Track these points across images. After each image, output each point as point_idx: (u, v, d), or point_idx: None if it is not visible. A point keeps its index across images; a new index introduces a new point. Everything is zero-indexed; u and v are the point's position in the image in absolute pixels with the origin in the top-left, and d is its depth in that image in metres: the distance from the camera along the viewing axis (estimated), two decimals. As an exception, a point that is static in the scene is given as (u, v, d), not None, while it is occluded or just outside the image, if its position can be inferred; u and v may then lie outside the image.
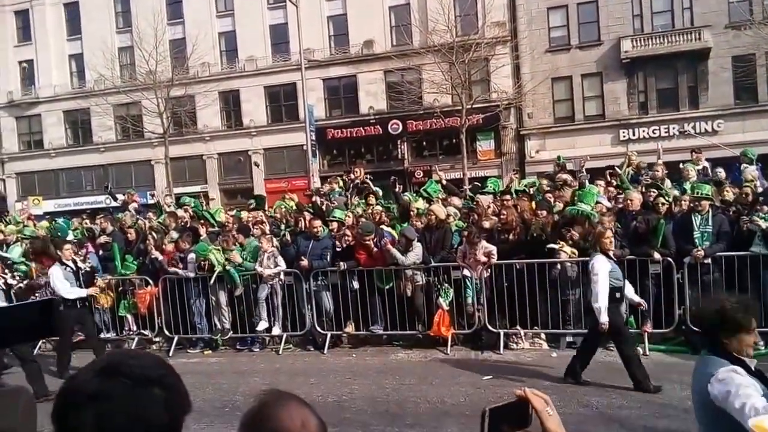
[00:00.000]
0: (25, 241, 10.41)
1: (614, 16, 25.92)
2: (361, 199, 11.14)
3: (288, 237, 9.27)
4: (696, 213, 7.84)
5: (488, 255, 8.15)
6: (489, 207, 9.32)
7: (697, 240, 7.69)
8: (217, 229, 10.11)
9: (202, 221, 10.35)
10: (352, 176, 12.62)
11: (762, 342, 7.50)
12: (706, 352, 2.71)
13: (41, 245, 10.18)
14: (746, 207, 8.09)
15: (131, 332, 9.73)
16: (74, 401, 1.09)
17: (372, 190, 11.41)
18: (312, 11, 27.56)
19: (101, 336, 9.28)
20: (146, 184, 31.27)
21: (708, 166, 11.50)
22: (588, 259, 7.86)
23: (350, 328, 8.84)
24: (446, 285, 8.39)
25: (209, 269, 8.92)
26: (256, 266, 8.92)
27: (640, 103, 26.11)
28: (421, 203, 9.67)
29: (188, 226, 10.33)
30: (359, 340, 9.04)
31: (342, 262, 8.60)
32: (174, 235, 9.83)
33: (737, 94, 24.83)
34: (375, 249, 8.51)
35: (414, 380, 7.22)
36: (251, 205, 12.76)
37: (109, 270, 9.72)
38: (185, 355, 9.14)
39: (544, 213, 8.55)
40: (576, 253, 7.87)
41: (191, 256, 9.09)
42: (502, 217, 8.66)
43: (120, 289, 9.66)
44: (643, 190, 9.14)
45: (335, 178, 13.72)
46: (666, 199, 8.56)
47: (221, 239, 9.32)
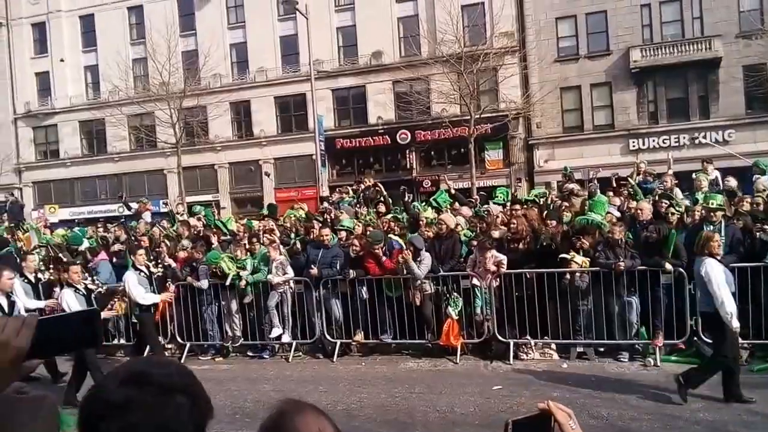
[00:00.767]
0: (41, 249, 10.57)
1: (623, 26, 25.93)
2: (371, 208, 11.20)
3: (298, 246, 9.34)
4: (708, 223, 7.79)
5: (498, 264, 8.15)
6: (498, 217, 9.33)
7: (708, 250, 7.65)
8: (228, 237, 10.21)
9: (214, 230, 10.46)
10: (362, 186, 12.69)
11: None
12: None
13: (56, 253, 10.36)
14: (759, 217, 8.03)
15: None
16: (100, 411, 1.08)
17: (384, 195, 11.50)
18: (321, 23, 27.81)
19: (117, 342, 9.36)
20: (159, 193, 31.60)
21: (719, 176, 11.46)
22: (595, 269, 7.87)
23: (359, 337, 8.86)
24: (455, 294, 8.40)
25: (221, 276, 9.01)
26: (267, 275, 8.99)
27: (650, 112, 26.03)
28: (430, 212, 9.71)
29: (200, 234, 10.45)
30: (368, 349, 9.06)
31: (351, 270, 8.65)
32: (186, 243, 9.93)
33: (748, 104, 24.70)
34: (384, 258, 8.54)
35: (423, 389, 7.22)
36: (264, 214, 12.85)
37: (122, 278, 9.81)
38: (196, 362, 9.19)
39: (553, 223, 8.55)
40: (588, 262, 7.85)
41: (203, 268, 9.16)
42: (511, 226, 8.67)
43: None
44: (656, 199, 9.12)
45: (344, 187, 13.81)
46: (677, 209, 8.54)
47: (233, 248, 9.40)
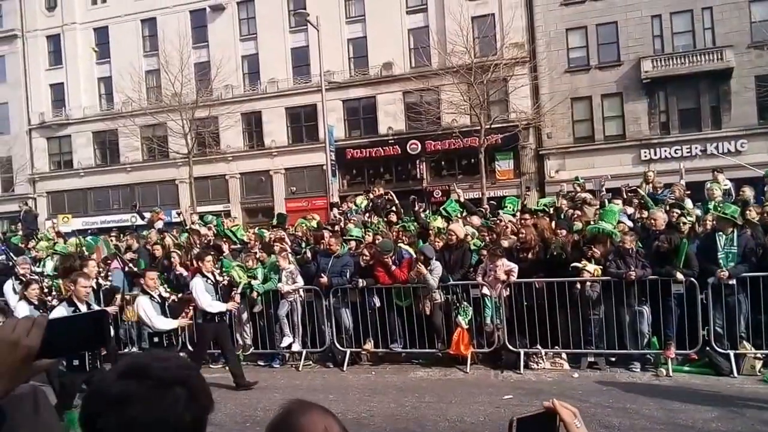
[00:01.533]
0: (56, 256, 10.71)
1: (634, 37, 25.93)
2: (382, 217, 11.24)
3: (309, 254, 9.39)
4: (720, 233, 7.75)
5: (508, 273, 8.15)
6: (507, 226, 9.33)
7: (721, 260, 7.57)
8: (239, 246, 10.28)
9: (225, 239, 10.54)
10: (371, 195, 12.74)
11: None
12: None
13: (70, 262, 10.47)
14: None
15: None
16: (99, 405, 1.10)
17: (396, 204, 11.54)
18: (332, 34, 28.07)
19: (127, 350, 9.42)
20: (171, 203, 31.85)
21: (732, 186, 11.38)
22: (606, 278, 7.84)
23: (369, 346, 8.87)
24: (465, 303, 8.40)
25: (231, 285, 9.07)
26: (277, 284, 9.04)
27: (662, 123, 25.94)
28: (440, 222, 9.73)
29: (211, 243, 10.53)
30: (378, 358, 9.05)
31: (361, 279, 8.67)
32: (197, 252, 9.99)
33: (761, 114, 24.54)
34: (393, 267, 8.56)
35: (433, 399, 7.21)
36: (273, 224, 12.93)
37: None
38: (207, 370, 9.21)
39: (563, 232, 8.53)
40: (600, 271, 7.82)
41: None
42: (521, 236, 8.66)
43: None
44: (667, 209, 9.08)
45: (354, 197, 13.87)
46: (688, 218, 8.50)
47: (243, 257, 9.46)
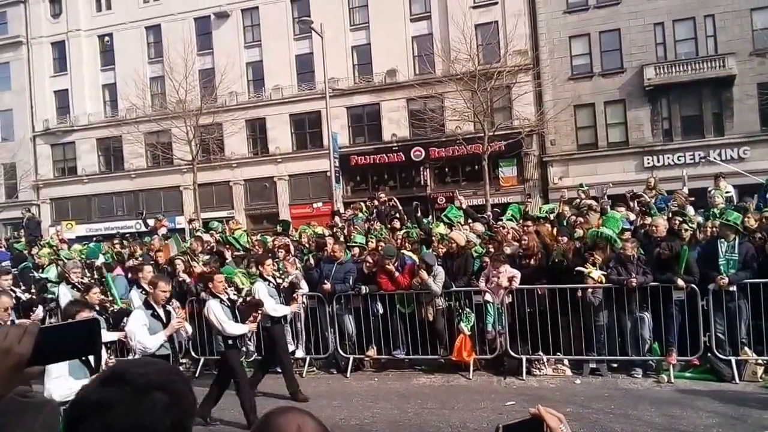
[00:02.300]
0: (59, 262, 10.78)
1: (637, 44, 26.04)
2: (385, 224, 11.29)
3: (312, 261, 9.44)
4: (722, 240, 7.78)
5: (511, 280, 8.18)
6: (509, 233, 9.37)
7: (722, 267, 7.60)
8: (242, 252, 10.34)
9: (227, 246, 10.61)
10: (375, 202, 12.80)
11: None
12: None
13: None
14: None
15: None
16: (80, 412, 1.11)
17: (399, 210, 11.58)
18: (337, 41, 28.25)
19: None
20: (175, 209, 32.00)
21: (734, 193, 11.41)
22: (608, 285, 7.87)
23: (372, 352, 8.90)
24: (468, 310, 8.43)
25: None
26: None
27: (665, 130, 26.00)
28: (442, 228, 9.77)
29: (214, 250, 10.60)
30: (381, 364, 9.08)
31: (363, 286, 8.72)
32: (205, 257, 10.07)
33: (763, 121, 24.59)
34: (396, 273, 8.61)
35: (436, 405, 7.24)
36: (278, 231, 13.00)
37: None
38: (212, 377, 9.26)
39: (565, 239, 8.57)
40: (604, 277, 7.84)
41: None
42: (523, 242, 8.71)
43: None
44: (669, 216, 9.12)
45: (357, 203, 13.94)
46: (690, 225, 8.54)
47: (247, 262, 9.51)
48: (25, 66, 36.18)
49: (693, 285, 7.59)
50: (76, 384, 4.16)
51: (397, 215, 11.45)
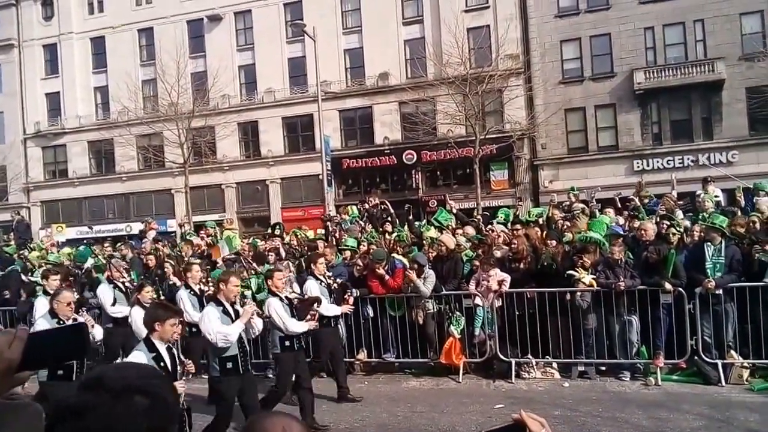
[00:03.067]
0: (49, 266, 10.70)
1: (627, 49, 26.23)
2: (377, 227, 11.30)
3: (303, 264, 9.43)
4: (708, 243, 7.86)
5: (501, 283, 8.23)
6: (499, 236, 9.42)
7: (709, 270, 7.67)
8: (233, 256, 10.32)
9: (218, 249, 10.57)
10: (366, 205, 12.83)
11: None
12: None
13: (65, 272, 10.49)
14: (758, 238, 8.06)
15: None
16: (58, 416, 1.12)
17: (391, 213, 11.60)
18: (329, 45, 28.27)
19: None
20: (166, 212, 31.91)
21: (722, 197, 11.50)
22: (596, 288, 7.91)
23: (362, 356, 8.92)
24: (458, 313, 8.46)
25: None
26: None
27: (654, 134, 26.20)
28: (433, 232, 9.81)
29: (205, 253, 10.58)
30: (371, 368, 9.10)
31: (354, 289, 8.73)
32: (195, 260, 10.02)
33: (752, 126, 24.81)
34: (387, 277, 8.63)
35: (425, 408, 7.26)
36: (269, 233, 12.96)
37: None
38: (200, 380, 9.24)
39: (553, 243, 8.63)
40: (595, 282, 7.90)
41: None
42: (513, 246, 8.76)
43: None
44: (657, 220, 9.20)
45: (349, 206, 13.95)
46: (677, 229, 8.61)
47: (238, 267, 9.49)
48: (17, 68, 35.97)
49: (680, 288, 7.65)
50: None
51: (389, 218, 11.48)
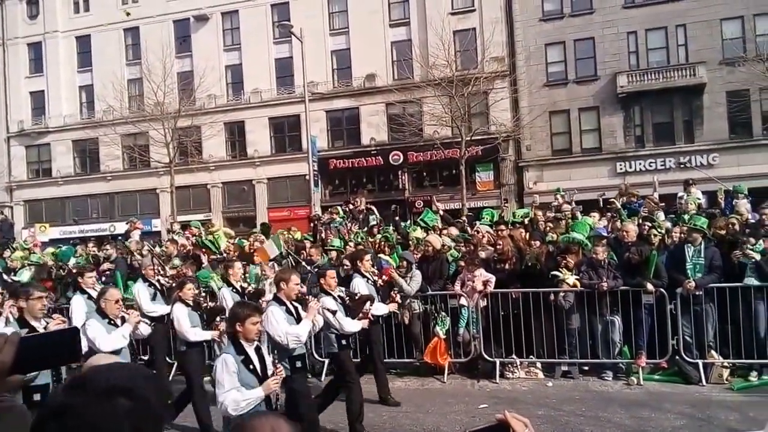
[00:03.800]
0: (32, 267, 10.60)
1: (610, 53, 26.56)
2: (362, 228, 11.34)
3: (290, 264, 9.43)
4: (689, 244, 7.98)
5: (486, 283, 8.29)
6: (484, 237, 9.49)
7: (689, 271, 7.77)
8: (219, 256, 10.29)
9: (204, 249, 10.53)
10: (350, 206, 12.85)
11: (755, 372, 7.65)
12: None
13: (46, 273, 10.40)
14: (738, 240, 8.20)
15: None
16: (43, 416, 1.12)
17: (377, 217, 11.63)
18: (316, 46, 28.29)
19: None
20: (151, 212, 31.67)
21: (703, 200, 11.69)
22: (579, 289, 8.00)
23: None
24: (443, 314, 8.51)
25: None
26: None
27: (637, 136, 26.55)
28: (419, 232, 9.86)
29: (190, 254, 10.52)
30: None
31: (341, 289, 8.72)
32: (177, 262, 9.99)
33: (732, 129, 25.24)
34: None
35: (410, 408, 7.28)
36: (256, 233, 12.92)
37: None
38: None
39: (537, 243, 8.72)
40: (578, 283, 7.98)
41: None
42: (498, 247, 8.83)
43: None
44: (640, 221, 9.33)
45: (336, 207, 13.97)
46: (659, 231, 8.75)
47: (223, 267, 9.45)
48: (0, 67, 35.49)
49: (662, 289, 7.76)
50: (248, 395, 4.05)
51: (376, 223, 11.47)
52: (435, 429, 6.51)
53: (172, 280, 9.03)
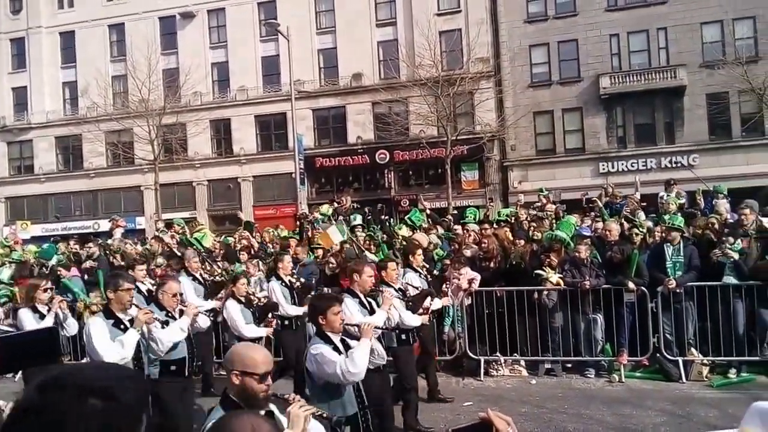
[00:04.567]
0: (12, 264, 10.46)
1: (593, 54, 26.84)
2: (347, 227, 11.35)
3: (274, 263, 9.41)
4: (668, 243, 8.11)
5: (470, 282, 8.34)
6: (470, 235, 9.56)
7: (669, 270, 7.89)
8: (204, 254, 10.23)
9: (189, 247, 10.45)
10: (335, 204, 12.88)
11: (734, 370, 7.81)
12: None
13: (27, 271, 10.26)
14: (716, 240, 8.34)
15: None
16: (14, 416, 1.10)
17: (366, 216, 11.66)
18: (303, 44, 28.20)
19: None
20: (135, 209, 31.36)
21: (685, 199, 11.85)
22: (562, 287, 8.10)
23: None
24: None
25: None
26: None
27: (619, 137, 26.87)
28: (405, 231, 9.91)
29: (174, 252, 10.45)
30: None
31: (326, 288, 8.75)
32: (160, 260, 9.92)
33: (712, 130, 25.63)
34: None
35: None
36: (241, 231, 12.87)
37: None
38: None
39: (522, 242, 8.81)
40: (561, 281, 8.06)
41: None
42: (483, 245, 8.90)
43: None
44: (622, 221, 9.45)
45: (321, 205, 13.98)
46: (640, 230, 8.88)
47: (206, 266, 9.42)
48: (-18, 62, 34.93)
49: (643, 288, 7.87)
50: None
51: (363, 224, 11.48)
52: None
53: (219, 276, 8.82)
